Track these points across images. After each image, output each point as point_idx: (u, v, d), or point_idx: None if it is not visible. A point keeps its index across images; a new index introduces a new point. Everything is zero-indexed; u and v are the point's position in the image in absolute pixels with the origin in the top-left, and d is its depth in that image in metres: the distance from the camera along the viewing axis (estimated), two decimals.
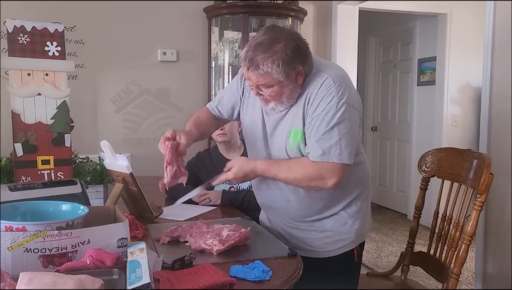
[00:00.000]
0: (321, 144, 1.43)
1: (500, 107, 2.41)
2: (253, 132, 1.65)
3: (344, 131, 1.43)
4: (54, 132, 1.81)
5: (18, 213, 1.27)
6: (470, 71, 4.28)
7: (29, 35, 1.76)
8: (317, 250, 1.62)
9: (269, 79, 1.42)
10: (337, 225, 1.60)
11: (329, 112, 1.42)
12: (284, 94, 1.47)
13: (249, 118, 1.67)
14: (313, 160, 1.44)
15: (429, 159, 1.98)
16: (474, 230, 1.68)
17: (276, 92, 1.45)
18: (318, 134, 1.43)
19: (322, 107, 1.43)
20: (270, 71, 1.40)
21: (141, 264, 1.03)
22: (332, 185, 1.45)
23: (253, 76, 1.44)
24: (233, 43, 3.52)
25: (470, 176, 1.74)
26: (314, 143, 1.44)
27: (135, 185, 1.70)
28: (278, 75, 1.41)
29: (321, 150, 1.42)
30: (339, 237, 1.61)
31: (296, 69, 1.44)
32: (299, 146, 1.49)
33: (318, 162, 1.43)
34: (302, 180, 1.47)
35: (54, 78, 1.81)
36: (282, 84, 1.44)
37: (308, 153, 1.47)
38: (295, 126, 1.50)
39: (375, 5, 4.01)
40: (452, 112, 4.39)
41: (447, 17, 4.26)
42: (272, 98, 1.48)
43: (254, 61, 1.41)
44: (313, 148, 1.45)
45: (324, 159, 1.43)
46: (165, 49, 3.57)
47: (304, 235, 1.62)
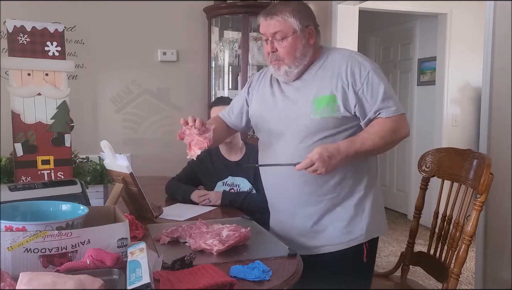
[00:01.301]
0: (388, 101, 1.54)
1: (500, 107, 2.41)
2: (262, 114, 1.70)
3: (390, 87, 1.59)
4: (54, 132, 1.81)
5: (18, 213, 1.27)
6: (470, 71, 4.28)
7: (29, 35, 1.76)
8: (326, 244, 1.62)
9: (285, 25, 1.55)
10: (347, 215, 1.61)
11: (374, 74, 1.55)
12: (298, 50, 1.57)
13: (256, 100, 1.75)
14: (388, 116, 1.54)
15: (429, 159, 1.98)
16: (474, 230, 1.68)
17: (290, 44, 1.56)
18: (380, 94, 1.53)
19: (364, 72, 1.55)
20: (287, 18, 1.54)
21: (141, 264, 1.03)
22: (408, 131, 1.59)
23: (270, 25, 1.56)
24: (233, 43, 3.52)
25: (470, 176, 1.74)
26: (381, 103, 1.54)
27: (135, 185, 1.70)
28: (293, 23, 1.54)
29: (394, 106, 1.54)
30: (348, 229, 1.61)
31: (308, 27, 1.58)
32: (324, 111, 1.55)
33: (392, 117, 1.54)
34: (388, 135, 1.54)
35: (54, 78, 1.81)
36: (296, 36, 1.56)
37: (378, 115, 1.54)
38: (321, 93, 1.56)
39: (375, 5, 4.01)
40: (452, 112, 4.39)
41: (447, 17, 4.26)
42: (284, 52, 1.56)
43: (272, 10, 1.56)
44: (384, 107, 1.54)
45: (398, 112, 1.54)
46: (165, 49, 3.57)
47: (313, 229, 1.62)
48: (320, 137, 1.56)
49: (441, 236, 1.89)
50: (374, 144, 1.53)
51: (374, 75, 1.56)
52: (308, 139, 1.57)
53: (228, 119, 1.86)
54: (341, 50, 1.68)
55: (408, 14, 4.50)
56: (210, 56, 3.60)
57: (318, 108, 1.55)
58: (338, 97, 1.55)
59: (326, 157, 1.45)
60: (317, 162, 1.45)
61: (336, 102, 1.55)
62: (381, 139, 1.53)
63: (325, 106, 1.55)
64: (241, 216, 1.82)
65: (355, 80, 1.55)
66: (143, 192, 1.71)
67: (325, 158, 1.45)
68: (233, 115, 1.85)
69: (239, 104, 1.83)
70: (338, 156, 1.48)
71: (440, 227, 1.91)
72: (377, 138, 1.53)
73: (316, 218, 1.62)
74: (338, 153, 1.48)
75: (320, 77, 1.59)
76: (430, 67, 4.61)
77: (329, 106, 1.55)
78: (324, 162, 1.45)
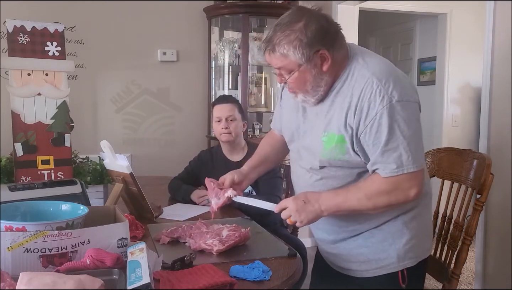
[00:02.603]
0: (389, 155, 1.25)
1: (500, 107, 2.41)
2: (288, 132, 1.54)
3: (409, 132, 1.25)
4: (54, 132, 1.81)
5: (18, 213, 1.27)
6: (470, 71, 4.28)
7: (29, 35, 1.75)
8: (352, 269, 1.45)
9: (287, 62, 1.29)
10: (373, 241, 1.40)
11: (383, 114, 1.24)
12: (308, 82, 1.31)
13: (285, 119, 1.55)
14: (385, 176, 1.27)
15: (429, 159, 1.98)
16: (474, 230, 1.68)
17: (297, 78, 1.31)
18: (380, 144, 1.25)
19: (374, 110, 1.25)
20: (287, 53, 1.27)
21: (141, 264, 1.03)
22: (415, 194, 1.29)
23: (272, 59, 1.32)
24: (233, 43, 3.52)
25: (470, 176, 1.73)
26: (379, 157, 1.26)
27: (135, 185, 1.70)
28: (296, 57, 1.27)
29: (394, 164, 1.25)
30: (374, 257, 1.40)
31: (319, 52, 1.27)
32: (333, 152, 1.34)
33: (387, 178, 1.27)
34: (378, 199, 1.28)
35: (54, 78, 1.81)
36: (304, 69, 1.29)
37: (376, 170, 1.29)
38: (330, 130, 1.33)
39: (375, 5, 4.01)
40: (452, 112, 4.39)
41: (447, 17, 4.26)
42: (294, 86, 1.34)
43: (271, 41, 1.30)
44: (382, 163, 1.27)
45: (399, 173, 1.26)
46: (165, 49, 3.57)
47: (339, 251, 1.47)
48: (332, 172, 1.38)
49: (441, 236, 1.89)
50: (361, 204, 1.30)
51: (384, 115, 1.24)
52: (315, 175, 1.41)
53: (277, 131, 1.65)
54: (366, 66, 1.32)
55: (408, 14, 4.50)
56: (210, 56, 3.60)
57: (327, 147, 1.34)
58: (347, 138, 1.31)
59: (301, 202, 1.31)
60: (291, 205, 1.32)
61: (345, 143, 1.31)
62: (368, 201, 1.29)
63: (334, 145, 1.33)
64: (241, 216, 1.82)
65: (362, 119, 1.28)
66: (143, 192, 1.71)
67: (300, 203, 1.31)
68: (279, 124, 1.62)
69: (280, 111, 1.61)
70: (315, 204, 1.30)
71: (440, 227, 1.91)
72: (364, 199, 1.29)
73: (339, 241, 1.46)
74: (316, 201, 1.31)
75: (334, 105, 1.34)
76: (430, 67, 4.61)
77: (338, 147, 1.32)
78: (298, 207, 1.30)
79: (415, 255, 1.42)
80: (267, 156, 1.66)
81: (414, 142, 1.28)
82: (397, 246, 1.39)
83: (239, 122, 2.26)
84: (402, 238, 1.39)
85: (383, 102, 1.25)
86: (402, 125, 1.25)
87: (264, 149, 1.68)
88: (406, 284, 1.40)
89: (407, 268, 1.40)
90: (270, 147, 1.68)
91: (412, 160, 1.26)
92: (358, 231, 1.42)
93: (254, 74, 3.53)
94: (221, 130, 2.22)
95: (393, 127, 1.25)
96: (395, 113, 1.25)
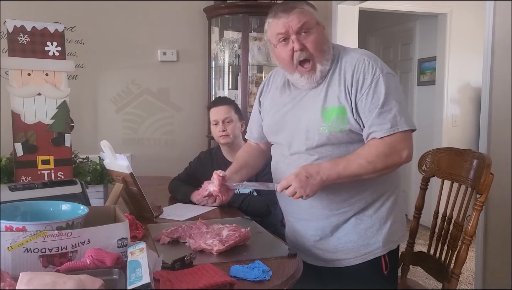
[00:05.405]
0: (385, 117, 1.39)
1: (500, 107, 2.41)
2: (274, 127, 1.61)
3: (399, 98, 1.42)
4: (54, 132, 1.81)
5: (18, 213, 1.27)
6: (470, 71, 4.28)
7: (29, 35, 1.76)
8: (341, 258, 1.53)
9: (309, 17, 1.45)
10: (362, 228, 1.50)
11: (378, 83, 1.41)
12: (324, 42, 1.47)
13: (268, 118, 1.65)
14: (381, 136, 1.39)
15: (429, 159, 1.98)
16: (474, 230, 1.68)
17: (317, 37, 1.45)
18: (376, 108, 1.39)
19: (368, 80, 1.41)
20: (308, 9, 1.46)
21: (141, 264, 1.03)
22: (407, 156, 1.41)
23: (294, 19, 1.43)
24: (233, 43, 3.52)
25: (470, 176, 1.73)
26: (375, 118, 1.39)
27: (135, 185, 1.70)
28: (315, 14, 1.47)
29: (389, 123, 1.38)
30: (363, 242, 1.50)
31: (322, 24, 1.50)
32: (335, 124, 1.43)
33: (386, 137, 1.38)
34: (378, 160, 1.38)
35: (54, 78, 1.81)
36: (319, 28, 1.47)
37: (371, 133, 1.41)
38: (330, 104, 1.45)
39: (375, 5, 4.01)
40: (452, 112, 4.39)
41: (447, 17, 4.27)
42: (315, 46, 1.44)
43: (288, 5, 1.45)
44: (378, 123, 1.39)
45: (395, 131, 1.38)
46: (165, 49, 3.57)
47: (327, 242, 1.54)
48: (329, 151, 1.46)
49: (441, 236, 1.89)
50: (361, 169, 1.39)
51: (380, 83, 1.41)
52: (311, 156, 1.48)
53: (253, 140, 1.77)
54: (353, 52, 1.52)
55: (408, 14, 4.50)
56: (210, 56, 3.60)
57: (327, 120, 1.44)
58: (348, 108, 1.43)
59: (303, 177, 1.36)
60: (294, 183, 1.36)
61: (346, 114, 1.43)
62: (369, 164, 1.38)
63: (335, 117, 1.43)
64: (241, 216, 1.82)
65: (358, 88, 1.42)
66: (143, 192, 1.71)
67: (303, 178, 1.36)
68: (256, 132, 1.75)
69: (255, 119, 1.74)
70: (317, 177, 1.36)
71: (440, 227, 1.91)
72: (365, 163, 1.38)
73: (328, 231, 1.53)
74: (318, 173, 1.37)
75: (331, 84, 1.47)
76: (430, 67, 4.61)
77: (339, 119, 1.43)
78: (301, 182, 1.35)
79: (396, 239, 1.56)
80: (246, 161, 1.73)
81: (404, 108, 1.44)
82: (383, 230, 1.51)
83: (237, 123, 2.26)
84: (386, 223, 1.52)
85: (376, 72, 1.43)
86: (394, 92, 1.42)
87: (242, 156, 1.76)
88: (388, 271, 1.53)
89: (388, 253, 1.53)
90: (248, 153, 1.78)
91: (404, 121, 1.40)
92: (347, 214, 1.50)
93: (254, 74, 3.53)
94: (218, 133, 2.23)
95: (387, 93, 1.40)
96: (388, 81, 1.42)
